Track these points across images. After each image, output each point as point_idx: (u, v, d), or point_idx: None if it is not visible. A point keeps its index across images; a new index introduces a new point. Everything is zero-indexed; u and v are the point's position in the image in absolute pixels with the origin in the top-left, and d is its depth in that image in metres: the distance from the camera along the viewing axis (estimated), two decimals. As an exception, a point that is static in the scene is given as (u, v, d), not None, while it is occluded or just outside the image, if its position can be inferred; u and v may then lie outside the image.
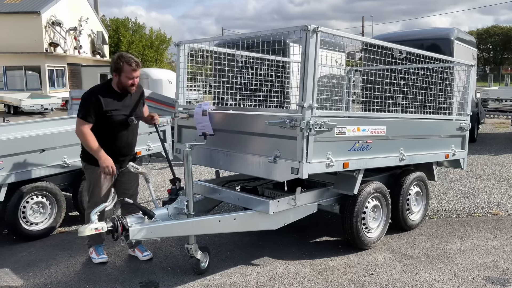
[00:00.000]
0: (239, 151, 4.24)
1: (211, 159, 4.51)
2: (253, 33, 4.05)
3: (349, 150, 4.15)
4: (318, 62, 3.67)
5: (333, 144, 3.96)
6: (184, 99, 4.77)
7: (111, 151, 4.15)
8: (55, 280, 4.03)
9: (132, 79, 4.12)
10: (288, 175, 3.79)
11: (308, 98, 3.61)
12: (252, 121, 4.15)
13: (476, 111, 11.87)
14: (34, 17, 27.52)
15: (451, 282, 3.88)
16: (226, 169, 4.52)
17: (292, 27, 3.73)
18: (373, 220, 4.71)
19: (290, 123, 3.65)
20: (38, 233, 5.04)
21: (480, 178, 7.82)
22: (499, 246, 4.68)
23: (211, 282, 3.94)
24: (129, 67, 4.06)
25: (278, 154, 3.84)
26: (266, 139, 3.98)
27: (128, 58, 4.11)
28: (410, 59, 4.79)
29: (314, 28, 3.56)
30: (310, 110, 3.64)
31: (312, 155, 3.72)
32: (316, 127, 3.68)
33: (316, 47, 3.60)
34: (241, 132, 4.26)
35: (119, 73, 4.09)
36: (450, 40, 10.18)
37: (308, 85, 3.59)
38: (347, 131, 4.05)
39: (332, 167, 3.97)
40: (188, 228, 3.89)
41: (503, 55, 71.85)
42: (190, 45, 4.71)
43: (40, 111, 22.37)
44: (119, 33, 44.14)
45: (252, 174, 4.29)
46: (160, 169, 8.76)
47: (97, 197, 4.21)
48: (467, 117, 5.65)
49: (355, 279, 3.96)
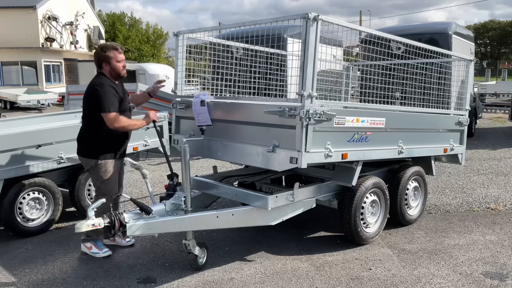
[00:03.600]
0: (237, 141, 4.22)
1: (209, 149, 4.49)
2: (253, 22, 4.01)
3: (348, 141, 4.13)
4: (318, 57, 3.65)
5: (332, 134, 3.94)
6: (182, 90, 4.73)
7: (117, 139, 4.28)
8: (52, 277, 4.00)
9: (122, 61, 4.27)
10: (287, 165, 3.77)
11: (307, 87, 3.58)
12: (251, 111, 4.14)
13: (473, 106, 11.87)
14: (30, 11, 27.36)
15: (450, 277, 3.87)
16: (224, 159, 4.49)
17: (292, 15, 3.69)
18: (371, 215, 4.70)
19: (290, 112, 3.63)
20: (34, 229, 5.01)
21: (478, 172, 7.82)
22: (497, 241, 4.68)
23: (209, 278, 3.93)
24: (115, 51, 4.23)
25: (277, 144, 3.82)
26: (265, 129, 3.95)
27: (111, 44, 4.31)
28: (408, 53, 4.77)
29: (314, 16, 3.53)
30: (309, 99, 3.62)
31: (311, 144, 3.70)
32: (316, 117, 3.66)
33: (316, 35, 3.57)
34: (239, 122, 4.23)
35: (108, 61, 4.20)
36: (448, 35, 10.17)
37: (308, 74, 3.57)
38: (346, 122, 4.02)
39: (331, 158, 3.95)
40: (186, 224, 3.87)
41: (501, 49, 71.88)
42: (189, 36, 4.66)
43: (36, 106, 22.28)
44: (115, 28, 43.97)
45: (251, 164, 4.27)
46: (157, 164, 8.73)
47: (115, 187, 4.30)
48: (465, 112, 5.63)
49: (353, 274, 3.96)
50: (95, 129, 4.18)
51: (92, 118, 4.17)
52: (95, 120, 4.13)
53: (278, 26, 3.89)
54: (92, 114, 4.15)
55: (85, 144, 4.30)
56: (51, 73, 29.22)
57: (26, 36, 27.13)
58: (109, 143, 4.25)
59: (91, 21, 34.27)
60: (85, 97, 4.24)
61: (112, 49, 4.20)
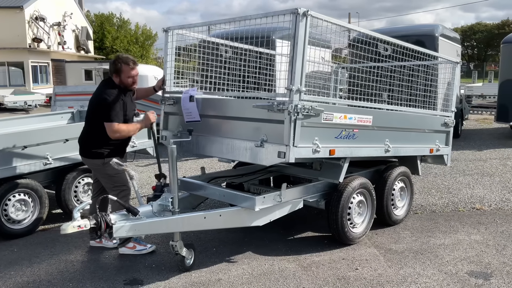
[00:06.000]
0: (225, 136, 4.24)
1: (197, 145, 4.49)
2: (243, 17, 4.02)
3: (335, 138, 4.17)
4: (306, 58, 3.67)
5: (320, 130, 3.98)
6: (171, 86, 4.73)
7: (119, 143, 4.36)
8: (37, 279, 3.97)
9: (132, 77, 4.32)
10: (275, 159, 3.79)
11: (296, 81, 3.61)
12: (240, 106, 4.17)
13: (460, 107, 12.00)
14: (17, 12, 27.08)
15: (435, 277, 3.91)
16: (212, 155, 4.48)
17: (282, 10, 3.70)
18: (358, 215, 4.73)
19: (278, 106, 3.65)
20: (20, 231, 4.96)
21: (464, 173, 7.91)
22: (482, 241, 4.74)
23: (196, 279, 3.93)
24: (127, 66, 4.28)
25: (265, 139, 3.84)
26: (253, 124, 3.98)
27: (125, 58, 4.34)
28: (395, 53, 4.82)
29: (304, 11, 3.56)
30: (298, 94, 3.64)
31: (299, 139, 3.73)
32: (304, 111, 3.68)
33: (305, 30, 3.59)
34: (228, 118, 4.26)
35: (119, 74, 4.29)
36: (435, 37, 10.26)
37: (297, 68, 3.59)
38: (334, 118, 4.06)
39: (318, 153, 3.98)
40: (173, 225, 3.86)
41: (487, 52, 72.72)
42: (178, 33, 4.64)
43: (23, 107, 22.03)
44: (103, 29, 43.61)
45: (239, 159, 4.29)
46: (145, 165, 8.70)
47: (127, 183, 4.36)
48: (451, 113, 5.70)
49: (340, 274, 3.98)
50: (100, 131, 4.23)
51: (97, 121, 4.24)
52: (100, 123, 4.22)
53: (267, 28, 3.91)
54: (97, 117, 4.23)
55: (89, 146, 4.34)
56: (38, 74, 28.91)
57: (13, 37, 26.84)
58: (113, 145, 4.32)
59: (79, 21, 34.02)
60: (93, 101, 4.32)
61: (124, 63, 4.26)
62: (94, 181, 4.69)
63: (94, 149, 4.30)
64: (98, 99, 4.24)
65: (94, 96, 4.33)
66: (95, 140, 4.30)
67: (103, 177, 4.42)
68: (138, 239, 4.47)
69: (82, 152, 4.44)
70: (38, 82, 28.71)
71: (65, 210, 5.43)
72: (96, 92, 4.33)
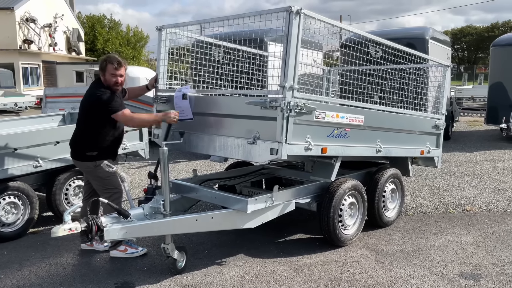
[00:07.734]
0: (218, 134, 4.25)
1: (190, 143, 4.49)
2: (237, 16, 4.03)
3: (327, 136, 4.20)
4: (299, 60, 3.69)
5: (313, 128, 4.00)
6: (164, 84, 4.73)
7: (112, 142, 4.37)
8: (28, 282, 3.94)
9: (115, 77, 4.25)
10: (267, 156, 3.81)
11: (289, 79, 3.62)
12: (233, 103, 4.18)
13: (450, 110, 12.09)
14: (8, 13, 26.84)
15: (426, 278, 3.94)
16: (204, 152, 4.48)
17: (276, 8, 3.72)
18: (350, 217, 4.75)
19: (271, 103, 3.67)
20: (10, 234, 4.91)
21: (454, 175, 7.97)
22: (472, 242, 4.78)
23: (188, 281, 3.92)
24: (111, 65, 4.25)
25: (258, 136, 3.85)
26: (246, 121, 3.99)
27: (112, 57, 4.32)
28: (387, 54, 4.85)
29: (297, 9, 3.59)
30: (291, 91, 3.66)
31: (291, 136, 3.74)
32: (296, 109, 3.70)
33: (298, 28, 3.61)
34: (220, 115, 4.27)
35: (104, 72, 4.26)
36: (425, 40, 10.32)
37: (290, 65, 3.61)
38: (326, 116, 4.08)
39: (310, 151, 4.01)
40: (165, 228, 3.85)
41: (477, 54, 73.43)
42: (171, 31, 4.63)
43: (14, 109, 21.84)
44: (95, 30, 43.40)
45: (231, 156, 4.29)
46: (137, 168, 8.66)
47: (119, 185, 4.32)
48: (442, 116, 5.75)
49: (331, 276, 3.99)
50: (93, 133, 4.23)
51: (89, 123, 4.22)
52: (93, 125, 4.21)
53: (260, 30, 3.93)
54: (91, 118, 4.20)
55: (81, 148, 4.31)
56: (29, 76, 28.66)
57: (3, 38, 26.59)
58: (105, 147, 4.31)
59: (70, 23, 33.81)
60: (85, 102, 4.29)
61: (109, 62, 4.24)
62: (85, 183, 4.67)
63: (86, 151, 4.28)
64: (92, 99, 4.21)
65: (85, 98, 4.30)
66: (86, 142, 4.28)
67: (95, 180, 4.40)
68: (129, 242, 4.45)
69: (74, 155, 4.41)
70: (29, 83, 28.47)
71: (56, 213, 5.39)
72: (88, 93, 4.30)
